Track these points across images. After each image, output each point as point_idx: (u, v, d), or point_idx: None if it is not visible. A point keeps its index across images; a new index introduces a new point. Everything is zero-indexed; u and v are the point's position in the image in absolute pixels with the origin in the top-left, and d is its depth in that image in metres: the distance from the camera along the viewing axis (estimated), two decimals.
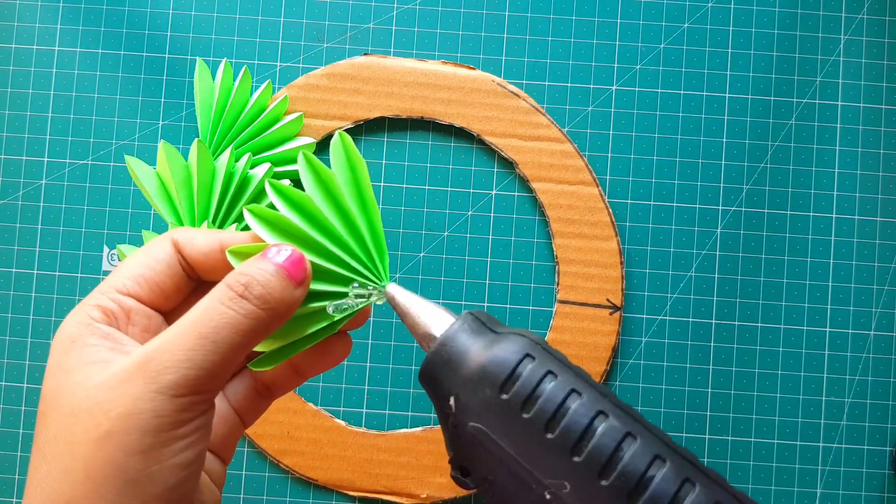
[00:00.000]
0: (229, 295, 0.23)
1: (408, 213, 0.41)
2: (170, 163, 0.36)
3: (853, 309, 0.41)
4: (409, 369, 0.41)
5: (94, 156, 0.42)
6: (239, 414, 0.27)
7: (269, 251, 0.24)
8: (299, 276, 0.24)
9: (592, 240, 0.41)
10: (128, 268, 0.25)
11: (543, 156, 0.41)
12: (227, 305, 0.23)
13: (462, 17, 0.42)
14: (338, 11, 0.42)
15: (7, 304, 0.41)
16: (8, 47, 0.42)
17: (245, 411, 0.27)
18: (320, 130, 0.41)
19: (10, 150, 0.42)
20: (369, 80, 0.41)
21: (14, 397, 0.41)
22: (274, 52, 0.42)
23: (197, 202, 0.37)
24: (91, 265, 0.41)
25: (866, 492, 0.40)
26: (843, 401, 0.41)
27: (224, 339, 0.22)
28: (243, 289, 0.23)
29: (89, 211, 0.41)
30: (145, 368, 0.22)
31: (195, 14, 0.42)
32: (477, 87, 0.41)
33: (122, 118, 0.42)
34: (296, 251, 0.25)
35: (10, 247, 0.41)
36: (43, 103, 0.42)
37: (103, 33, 0.42)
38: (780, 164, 0.41)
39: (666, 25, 0.42)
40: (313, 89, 0.41)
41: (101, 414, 0.21)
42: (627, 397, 0.41)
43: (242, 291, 0.23)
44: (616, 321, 0.40)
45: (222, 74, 0.39)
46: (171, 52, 0.42)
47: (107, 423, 0.21)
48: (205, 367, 0.22)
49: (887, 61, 0.42)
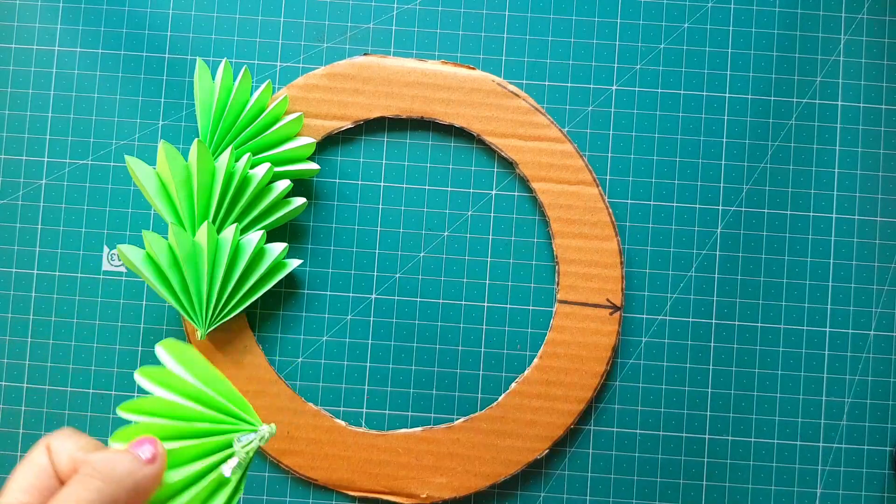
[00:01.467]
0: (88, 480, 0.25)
1: (408, 213, 0.41)
2: (170, 163, 0.36)
3: (853, 309, 0.41)
4: (408, 369, 0.41)
5: (94, 156, 0.42)
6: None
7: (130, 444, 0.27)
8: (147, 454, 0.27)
9: (592, 240, 0.41)
10: (17, 482, 0.27)
11: (543, 156, 0.41)
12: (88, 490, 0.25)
13: (462, 17, 0.42)
14: (338, 11, 0.42)
15: (7, 304, 0.41)
16: (8, 47, 0.42)
17: None
18: (320, 130, 0.41)
19: (10, 150, 0.42)
20: (369, 79, 0.41)
21: (14, 397, 0.41)
22: (274, 52, 0.42)
23: (197, 202, 0.37)
24: (91, 265, 0.41)
25: (866, 492, 0.40)
26: (843, 401, 0.41)
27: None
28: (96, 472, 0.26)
29: (89, 211, 0.41)
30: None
31: (195, 14, 0.42)
32: (477, 87, 0.41)
33: (122, 118, 0.42)
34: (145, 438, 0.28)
35: (10, 247, 0.41)
36: (43, 103, 0.42)
37: (103, 33, 0.42)
38: (780, 164, 0.41)
39: (666, 25, 0.42)
40: (313, 89, 0.41)
41: None
42: (627, 397, 0.41)
43: (97, 476, 0.26)
44: (616, 321, 0.40)
45: (222, 74, 0.39)
46: (171, 52, 0.42)
47: None
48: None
49: (887, 61, 0.42)
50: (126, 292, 0.41)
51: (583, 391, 0.40)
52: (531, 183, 0.41)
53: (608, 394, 0.41)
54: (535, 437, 0.40)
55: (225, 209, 0.38)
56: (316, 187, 0.42)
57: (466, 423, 0.40)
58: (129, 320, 0.41)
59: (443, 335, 0.41)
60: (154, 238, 0.36)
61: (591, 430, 0.41)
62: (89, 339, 0.41)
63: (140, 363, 0.41)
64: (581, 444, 0.40)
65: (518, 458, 0.40)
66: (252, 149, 0.39)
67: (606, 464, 0.40)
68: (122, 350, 0.41)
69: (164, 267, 0.36)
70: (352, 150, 0.42)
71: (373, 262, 0.41)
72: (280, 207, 0.39)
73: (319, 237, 0.41)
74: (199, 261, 0.37)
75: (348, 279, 0.41)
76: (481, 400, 0.41)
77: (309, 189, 0.41)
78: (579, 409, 0.40)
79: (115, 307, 0.41)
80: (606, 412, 0.41)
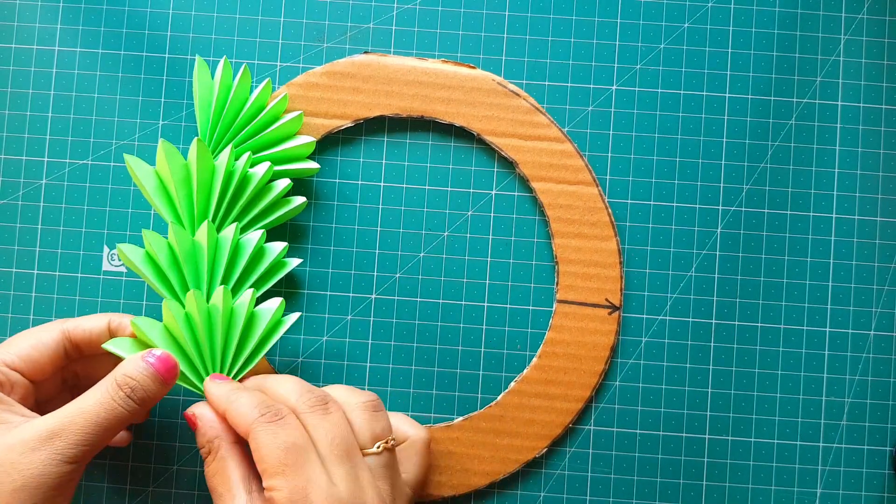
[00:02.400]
0: (120, 395, 0.31)
1: (408, 213, 0.41)
2: (169, 162, 0.36)
3: (853, 309, 0.41)
4: (408, 369, 0.41)
5: (94, 156, 0.42)
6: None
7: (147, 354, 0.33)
8: (169, 377, 0.33)
9: (592, 240, 0.41)
10: (17, 346, 0.34)
11: (543, 155, 0.41)
12: (117, 403, 0.31)
13: (462, 17, 0.42)
14: (338, 11, 0.42)
15: (7, 304, 0.41)
16: (8, 47, 0.42)
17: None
18: (320, 129, 0.41)
19: (10, 150, 0.42)
20: (369, 78, 0.41)
21: None
22: (274, 52, 0.42)
23: (196, 201, 0.37)
24: (91, 265, 0.41)
25: (866, 492, 0.40)
26: (843, 401, 0.41)
27: (112, 427, 0.31)
28: (130, 391, 0.31)
29: (89, 211, 0.41)
30: (52, 441, 0.30)
31: (195, 14, 0.42)
32: (477, 86, 0.41)
33: (122, 118, 0.42)
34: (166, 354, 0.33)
35: (10, 247, 0.41)
36: (43, 103, 0.42)
37: (103, 33, 0.42)
38: (780, 164, 0.41)
39: (666, 25, 0.42)
40: (313, 87, 0.41)
41: (15, 472, 0.29)
42: (627, 397, 0.41)
43: (130, 393, 0.31)
44: (615, 321, 0.40)
45: (222, 72, 0.39)
46: (171, 52, 0.42)
47: (21, 480, 0.29)
48: (96, 445, 0.31)
49: (887, 61, 0.42)
50: (126, 292, 0.41)
51: (581, 390, 0.40)
52: (531, 183, 0.41)
53: (608, 394, 0.41)
54: (534, 435, 0.40)
55: (224, 208, 0.38)
56: (316, 187, 0.42)
57: (465, 422, 0.40)
58: None
59: (443, 335, 0.41)
60: (154, 237, 0.36)
61: (591, 430, 0.41)
62: None
63: None
64: (581, 444, 0.40)
65: (517, 456, 0.40)
66: (251, 147, 0.39)
67: (606, 464, 0.40)
68: None
69: (164, 266, 0.36)
70: (352, 150, 0.42)
71: (373, 262, 0.41)
72: (280, 206, 0.39)
73: (319, 237, 0.41)
74: (199, 260, 0.37)
75: (348, 279, 0.41)
76: (481, 400, 0.41)
77: (309, 189, 0.41)
78: (578, 407, 0.40)
79: (115, 307, 0.41)
80: (606, 412, 0.41)
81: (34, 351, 0.34)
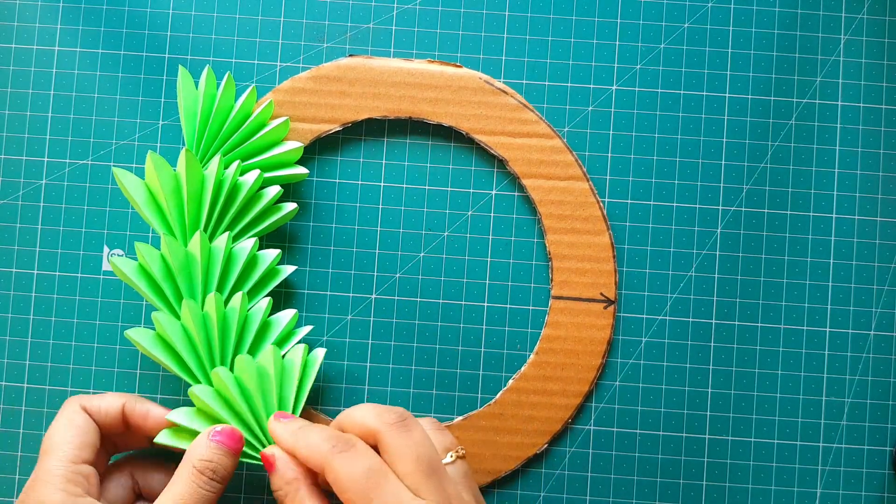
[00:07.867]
0: (203, 480, 0.32)
1: (408, 213, 0.41)
2: (158, 172, 0.36)
3: (853, 309, 0.41)
4: (408, 369, 0.41)
5: (94, 156, 0.42)
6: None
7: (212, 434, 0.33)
8: (239, 448, 0.34)
9: (584, 234, 0.41)
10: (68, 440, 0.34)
11: (533, 152, 0.41)
12: (203, 488, 0.32)
13: (462, 17, 0.42)
14: (338, 11, 0.42)
15: (7, 304, 0.41)
16: (8, 47, 0.42)
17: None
18: (308, 134, 0.41)
19: (10, 150, 0.42)
20: (355, 81, 0.41)
21: (14, 397, 0.41)
22: (274, 52, 0.42)
23: (187, 211, 0.37)
24: (91, 265, 0.41)
25: (866, 492, 0.40)
26: (843, 401, 0.41)
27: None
28: (212, 473, 0.32)
29: (89, 211, 0.41)
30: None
31: (195, 14, 0.42)
32: (464, 84, 0.41)
33: (122, 118, 0.42)
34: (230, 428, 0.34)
35: (10, 247, 0.41)
36: (43, 103, 0.42)
37: (103, 33, 0.42)
38: (780, 164, 0.41)
39: (666, 25, 0.42)
40: (299, 92, 0.41)
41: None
42: (627, 397, 0.41)
43: (212, 476, 0.32)
44: (610, 315, 0.40)
45: (205, 81, 0.38)
46: (171, 52, 0.42)
47: None
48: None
49: (887, 61, 0.42)
50: (126, 292, 0.41)
51: (579, 385, 0.40)
52: (521, 180, 0.41)
53: (608, 394, 0.41)
54: (533, 432, 0.40)
55: (216, 217, 0.38)
56: (315, 188, 0.42)
57: (465, 421, 0.40)
58: (130, 320, 0.41)
59: (443, 335, 0.41)
60: (147, 249, 0.36)
61: (591, 430, 0.41)
62: (89, 339, 0.41)
63: (140, 363, 0.41)
64: (581, 444, 0.40)
65: (517, 453, 0.40)
66: (240, 155, 0.39)
67: (606, 464, 0.40)
68: (122, 350, 0.41)
69: (158, 278, 0.36)
70: (351, 151, 0.42)
71: (373, 262, 0.41)
72: (271, 214, 0.39)
73: (319, 237, 0.41)
74: (193, 270, 0.37)
75: (348, 279, 0.41)
76: (481, 400, 0.41)
77: (308, 190, 0.41)
78: (576, 402, 0.40)
79: (115, 307, 0.41)
80: (606, 412, 0.41)
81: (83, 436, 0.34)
